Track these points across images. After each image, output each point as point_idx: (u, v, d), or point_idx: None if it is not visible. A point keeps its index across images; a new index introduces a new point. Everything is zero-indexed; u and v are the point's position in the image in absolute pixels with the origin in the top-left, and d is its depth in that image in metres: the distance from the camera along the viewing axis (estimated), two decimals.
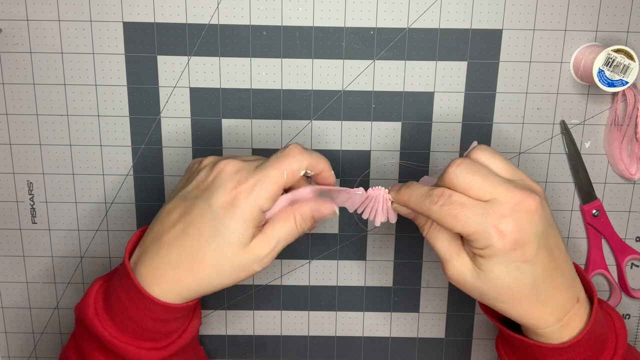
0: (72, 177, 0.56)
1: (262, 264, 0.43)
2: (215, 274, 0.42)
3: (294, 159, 0.42)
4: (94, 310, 0.44)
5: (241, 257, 0.42)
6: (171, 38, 0.52)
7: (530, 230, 0.39)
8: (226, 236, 0.41)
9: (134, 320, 0.43)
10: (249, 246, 0.42)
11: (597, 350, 0.44)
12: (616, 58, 0.49)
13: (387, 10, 0.52)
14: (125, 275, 0.43)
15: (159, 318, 0.44)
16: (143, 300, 0.43)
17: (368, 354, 0.60)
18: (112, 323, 0.44)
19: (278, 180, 0.41)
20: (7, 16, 0.52)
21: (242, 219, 0.41)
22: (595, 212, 0.56)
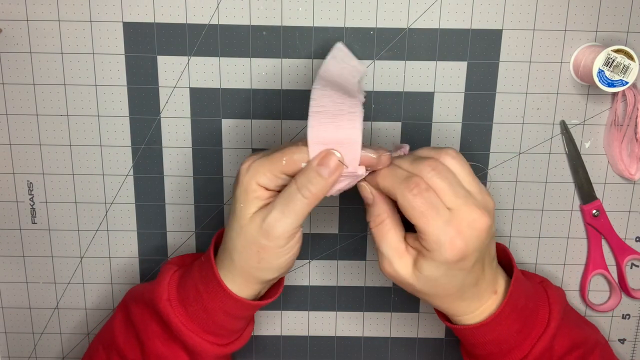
0: (72, 177, 0.56)
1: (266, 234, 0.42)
2: (234, 248, 0.44)
3: (298, 149, 0.42)
4: (167, 296, 0.46)
5: (245, 227, 0.43)
6: (171, 38, 0.52)
7: (476, 246, 0.42)
8: (234, 210, 0.44)
9: (207, 311, 0.46)
10: (252, 216, 0.43)
11: (525, 324, 0.46)
12: (616, 58, 0.49)
13: (387, 10, 0.52)
14: (208, 267, 0.46)
15: (231, 313, 0.46)
16: (220, 293, 0.45)
17: (368, 354, 0.60)
18: (184, 311, 0.46)
19: (275, 161, 0.42)
20: (7, 16, 0.52)
21: (242, 191, 0.43)
22: (595, 212, 0.56)
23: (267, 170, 0.42)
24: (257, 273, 0.45)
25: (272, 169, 0.42)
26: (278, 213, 0.42)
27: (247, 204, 0.43)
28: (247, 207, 0.43)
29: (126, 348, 0.48)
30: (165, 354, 0.47)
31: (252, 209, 0.43)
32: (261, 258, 0.43)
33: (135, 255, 0.58)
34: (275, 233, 0.42)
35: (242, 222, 0.43)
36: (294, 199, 0.42)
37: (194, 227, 0.57)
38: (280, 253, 0.44)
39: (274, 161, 0.42)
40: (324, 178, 0.41)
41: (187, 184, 0.56)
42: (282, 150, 0.43)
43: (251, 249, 0.43)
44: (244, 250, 0.44)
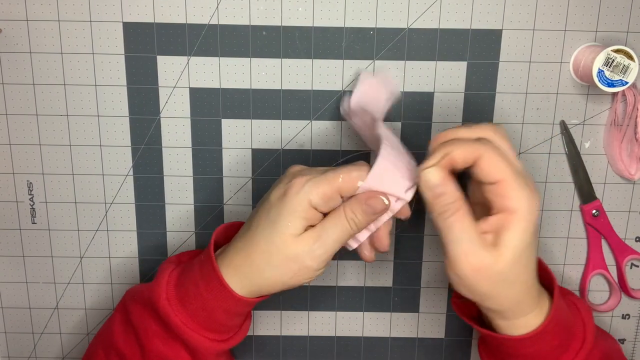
0: (72, 177, 0.56)
1: (314, 257, 0.43)
2: (266, 262, 0.44)
3: (355, 167, 0.43)
4: (165, 295, 0.46)
5: (290, 246, 0.43)
6: (171, 38, 0.52)
7: None
8: (276, 225, 0.43)
9: (207, 310, 0.46)
10: (298, 237, 0.43)
11: (564, 338, 0.46)
12: (616, 58, 0.49)
13: (387, 10, 0.52)
14: (208, 264, 0.46)
15: (231, 311, 0.46)
16: (221, 290, 0.45)
17: (368, 354, 0.60)
18: (183, 309, 0.46)
19: (331, 180, 0.43)
20: (7, 16, 0.52)
21: (292, 210, 0.43)
22: (595, 212, 0.56)
23: (323, 190, 0.43)
24: (280, 286, 0.45)
25: (328, 189, 0.43)
26: (329, 238, 0.43)
27: (294, 223, 0.43)
28: (293, 227, 0.43)
29: (125, 348, 0.48)
30: (166, 353, 0.47)
31: (299, 229, 0.43)
32: (296, 275, 0.44)
33: (135, 255, 0.58)
34: (322, 256, 0.44)
35: (286, 240, 0.43)
36: (343, 227, 0.44)
37: (193, 227, 0.57)
38: (315, 274, 0.45)
39: (331, 180, 0.43)
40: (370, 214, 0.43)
41: (187, 184, 0.56)
42: (337, 170, 0.43)
43: (290, 267, 0.44)
44: (281, 266, 0.44)
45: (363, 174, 0.43)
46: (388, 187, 0.44)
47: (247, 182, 0.56)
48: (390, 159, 0.44)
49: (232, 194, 0.56)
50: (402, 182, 0.44)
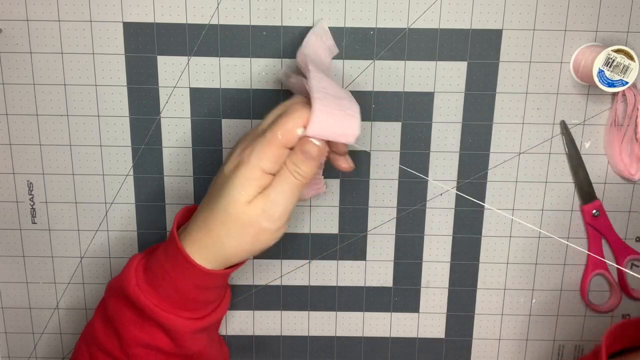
0: (72, 177, 0.56)
1: (268, 217, 0.44)
2: (225, 232, 0.45)
3: (290, 116, 0.44)
4: (135, 282, 0.47)
5: (244, 213, 0.44)
6: (171, 38, 0.52)
7: None
8: (230, 195, 0.44)
9: (177, 288, 0.46)
10: (251, 202, 0.44)
11: None
12: (616, 58, 0.49)
13: (387, 10, 0.52)
14: (172, 244, 0.46)
15: (201, 285, 0.46)
16: (188, 267, 0.46)
17: (368, 354, 0.60)
18: (154, 292, 0.47)
19: (272, 141, 0.43)
20: (7, 16, 0.52)
21: (244, 178, 0.44)
22: (595, 212, 0.56)
23: (269, 153, 0.44)
24: (244, 254, 0.46)
25: (273, 150, 0.44)
26: (277, 194, 0.44)
27: (247, 191, 0.44)
28: (247, 194, 0.44)
29: (105, 341, 0.48)
30: (143, 338, 0.47)
31: (251, 195, 0.44)
32: (256, 240, 0.45)
33: None
34: (276, 214, 0.44)
35: (241, 206, 0.44)
36: (289, 181, 0.44)
37: None
38: (275, 235, 0.46)
39: (272, 141, 0.44)
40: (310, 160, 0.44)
41: (187, 184, 0.56)
42: (274, 127, 0.44)
43: (249, 232, 0.44)
44: (239, 234, 0.45)
45: (299, 121, 0.43)
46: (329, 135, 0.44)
47: None
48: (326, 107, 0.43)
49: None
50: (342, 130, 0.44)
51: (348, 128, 0.44)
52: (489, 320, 0.59)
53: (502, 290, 0.59)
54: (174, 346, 0.48)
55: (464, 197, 0.56)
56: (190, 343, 0.48)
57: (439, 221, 0.57)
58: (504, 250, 0.58)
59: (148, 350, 0.47)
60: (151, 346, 0.47)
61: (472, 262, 0.58)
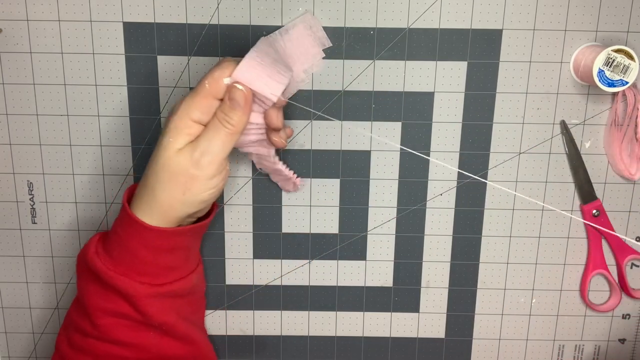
0: (72, 177, 0.56)
1: (196, 164, 0.45)
2: (156, 181, 0.46)
3: (218, 67, 0.45)
4: (94, 250, 0.48)
5: (173, 160, 0.45)
6: (171, 38, 0.52)
7: None
8: (161, 143, 0.46)
9: (128, 249, 0.47)
10: (181, 150, 0.45)
11: None
12: (616, 58, 0.49)
13: (387, 10, 0.52)
14: (122, 211, 0.47)
15: (150, 245, 0.47)
16: (132, 224, 0.46)
17: (368, 354, 0.60)
18: (109, 257, 0.48)
19: (200, 90, 0.45)
20: (7, 16, 0.52)
21: (174, 127, 0.45)
22: (595, 212, 0.56)
23: (197, 102, 0.45)
24: (179, 206, 0.46)
25: (200, 99, 0.45)
26: (206, 142, 0.45)
27: (176, 139, 0.45)
28: (176, 142, 0.45)
29: (78, 319, 0.49)
30: (107, 306, 0.48)
31: (181, 143, 0.45)
32: (187, 189, 0.45)
33: None
34: (205, 162, 0.45)
35: (169, 153, 0.45)
36: (219, 130, 0.45)
37: None
38: (207, 185, 0.46)
39: (199, 90, 0.45)
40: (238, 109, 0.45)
41: None
42: (202, 78, 0.45)
43: (178, 180, 0.45)
44: (169, 182, 0.45)
45: (226, 70, 0.44)
46: (255, 84, 0.45)
47: (247, 182, 0.56)
48: (256, 59, 0.45)
49: (232, 194, 0.56)
50: (268, 82, 0.45)
51: (274, 82, 0.45)
52: (489, 320, 0.59)
53: (502, 290, 0.59)
54: (136, 313, 0.48)
55: (464, 197, 0.56)
56: (152, 310, 0.48)
57: (439, 221, 0.57)
58: (504, 250, 0.58)
59: (116, 319, 0.48)
60: (117, 314, 0.48)
61: (472, 262, 0.58)
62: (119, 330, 0.48)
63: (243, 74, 0.44)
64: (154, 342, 0.50)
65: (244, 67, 0.44)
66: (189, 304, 0.52)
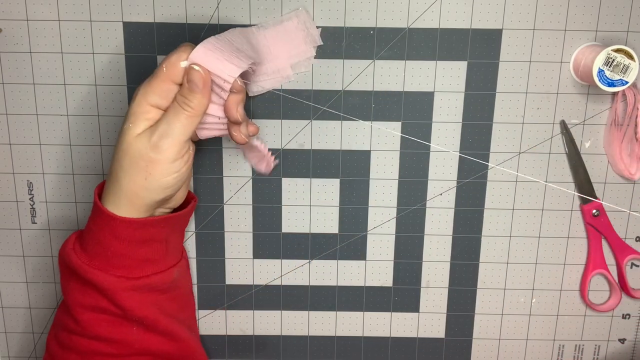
0: (72, 177, 0.56)
1: (155, 147, 0.45)
2: (119, 168, 0.46)
3: (174, 52, 0.45)
4: (71, 246, 0.48)
5: (132, 145, 0.45)
6: (171, 38, 0.52)
7: None
8: (122, 129, 0.46)
9: (101, 243, 0.47)
10: (140, 135, 0.45)
11: None
12: (616, 58, 0.49)
13: (387, 10, 0.52)
14: (94, 205, 0.48)
15: (121, 236, 0.47)
16: (105, 218, 0.46)
17: (368, 354, 0.60)
18: (84, 253, 0.48)
19: (158, 73, 0.45)
20: (7, 16, 0.52)
21: (132, 112, 0.45)
22: (595, 212, 0.56)
23: (154, 86, 0.45)
24: (143, 192, 0.46)
25: (158, 83, 0.45)
26: (165, 125, 0.45)
27: (136, 124, 0.45)
28: (135, 127, 0.45)
29: (63, 317, 0.49)
30: (86, 301, 0.48)
31: (140, 128, 0.45)
32: (149, 174, 0.45)
33: None
34: (164, 145, 0.45)
35: (129, 139, 0.45)
36: (178, 113, 0.45)
37: (194, 227, 0.57)
38: (169, 169, 0.46)
39: (157, 74, 0.45)
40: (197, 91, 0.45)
41: None
42: (161, 63, 0.45)
43: (139, 164, 0.45)
44: (130, 168, 0.45)
45: (183, 54, 0.45)
46: (212, 66, 0.45)
47: (247, 182, 0.56)
48: (214, 44, 0.45)
49: (232, 194, 0.56)
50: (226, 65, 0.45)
51: (231, 65, 0.45)
52: (489, 320, 0.59)
53: (502, 290, 0.59)
54: (115, 307, 0.48)
55: (464, 197, 0.56)
56: (130, 304, 0.48)
57: (439, 221, 0.57)
58: (504, 250, 0.58)
59: (96, 314, 0.48)
60: (96, 309, 0.48)
61: (472, 262, 0.58)
62: (100, 326, 0.48)
63: (200, 56, 0.44)
64: (137, 337, 0.49)
65: (201, 49, 0.44)
66: (172, 299, 0.52)
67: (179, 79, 0.45)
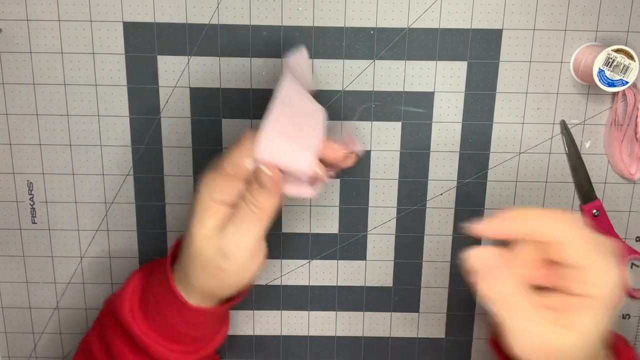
0: (72, 177, 0.56)
1: (224, 255, 0.41)
2: (191, 269, 0.43)
3: (237, 148, 0.41)
4: (129, 307, 0.45)
5: (202, 248, 0.42)
6: (171, 38, 0.52)
7: None
8: (190, 226, 0.42)
9: (169, 322, 0.45)
10: (207, 237, 0.41)
11: None
12: (616, 58, 0.49)
13: (387, 10, 0.52)
14: (165, 280, 0.44)
15: (192, 322, 0.45)
16: (180, 306, 0.44)
17: (368, 354, 0.60)
18: (146, 322, 0.45)
19: (221, 172, 0.42)
20: (7, 16, 0.52)
21: (199, 209, 0.42)
22: (595, 212, 0.56)
23: (219, 184, 0.41)
24: (216, 292, 0.44)
25: (222, 181, 0.41)
26: (233, 230, 0.41)
27: (202, 222, 0.41)
28: (202, 226, 0.41)
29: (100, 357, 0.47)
30: None
31: (207, 227, 0.41)
32: (219, 279, 0.42)
33: (135, 255, 0.58)
34: (233, 255, 0.41)
35: (197, 243, 0.42)
36: (246, 216, 0.41)
37: None
38: (241, 274, 0.43)
39: (222, 172, 0.41)
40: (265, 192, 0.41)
41: (187, 184, 0.56)
42: (224, 157, 0.42)
43: (209, 270, 0.42)
44: (202, 271, 0.42)
45: (247, 152, 0.40)
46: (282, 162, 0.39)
47: None
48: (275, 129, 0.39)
49: None
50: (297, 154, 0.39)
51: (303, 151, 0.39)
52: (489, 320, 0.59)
53: None
54: None
55: (464, 198, 0.56)
56: None
57: (439, 221, 0.57)
58: None
59: None
60: None
61: None
62: None
63: (265, 153, 0.39)
64: None
65: (264, 144, 0.38)
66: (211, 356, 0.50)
67: (245, 176, 0.41)
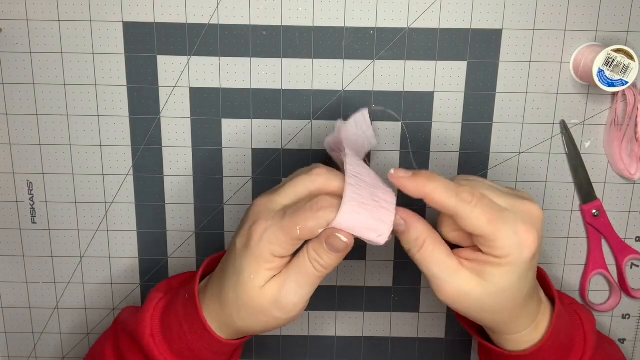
0: (72, 177, 0.56)
1: (280, 308, 0.41)
2: (236, 313, 0.42)
3: (313, 216, 0.39)
4: (150, 331, 0.45)
5: (255, 299, 0.41)
6: (171, 38, 0.52)
7: (540, 235, 0.40)
8: (242, 276, 0.41)
9: (193, 350, 0.44)
10: (263, 288, 0.41)
11: (563, 354, 0.45)
12: (616, 58, 0.49)
13: (387, 10, 0.52)
14: (193, 307, 0.44)
15: (216, 351, 0.45)
16: (206, 335, 0.43)
17: (368, 354, 0.60)
18: (167, 347, 0.44)
19: (289, 232, 0.39)
20: (7, 16, 0.52)
21: (254, 260, 0.40)
22: (595, 212, 0.56)
23: (282, 241, 0.40)
24: (255, 331, 0.44)
25: (287, 240, 0.40)
26: (294, 286, 0.41)
27: (258, 275, 0.41)
28: (258, 278, 0.41)
29: None
30: None
31: (263, 280, 0.41)
32: (268, 325, 0.43)
33: (135, 255, 0.58)
34: (290, 306, 0.41)
35: (251, 292, 0.41)
36: (308, 272, 0.41)
37: (194, 227, 0.57)
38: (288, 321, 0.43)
39: (288, 232, 0.39)
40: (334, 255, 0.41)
41: (187, 184, 0.56)
42: (294, 216, 0.39)
43: (259, 319, 0.42)
44: (250, 319, 0.42)
45: (323, 222, 0.39)
46: (358, 231, 0.40)
47: (247, 182, 0.56)
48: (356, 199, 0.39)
49: (232, 194, 0.56)
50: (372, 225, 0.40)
51: (380, 223, 0.40)
52: None
53: None
54: None
55: None
56: None
57: None
58: None
59: None
60: None
61: None
62: None
63: (345, 224, 0.39)
64: None
65: (347, 214, 0.38)
66: None
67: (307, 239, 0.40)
